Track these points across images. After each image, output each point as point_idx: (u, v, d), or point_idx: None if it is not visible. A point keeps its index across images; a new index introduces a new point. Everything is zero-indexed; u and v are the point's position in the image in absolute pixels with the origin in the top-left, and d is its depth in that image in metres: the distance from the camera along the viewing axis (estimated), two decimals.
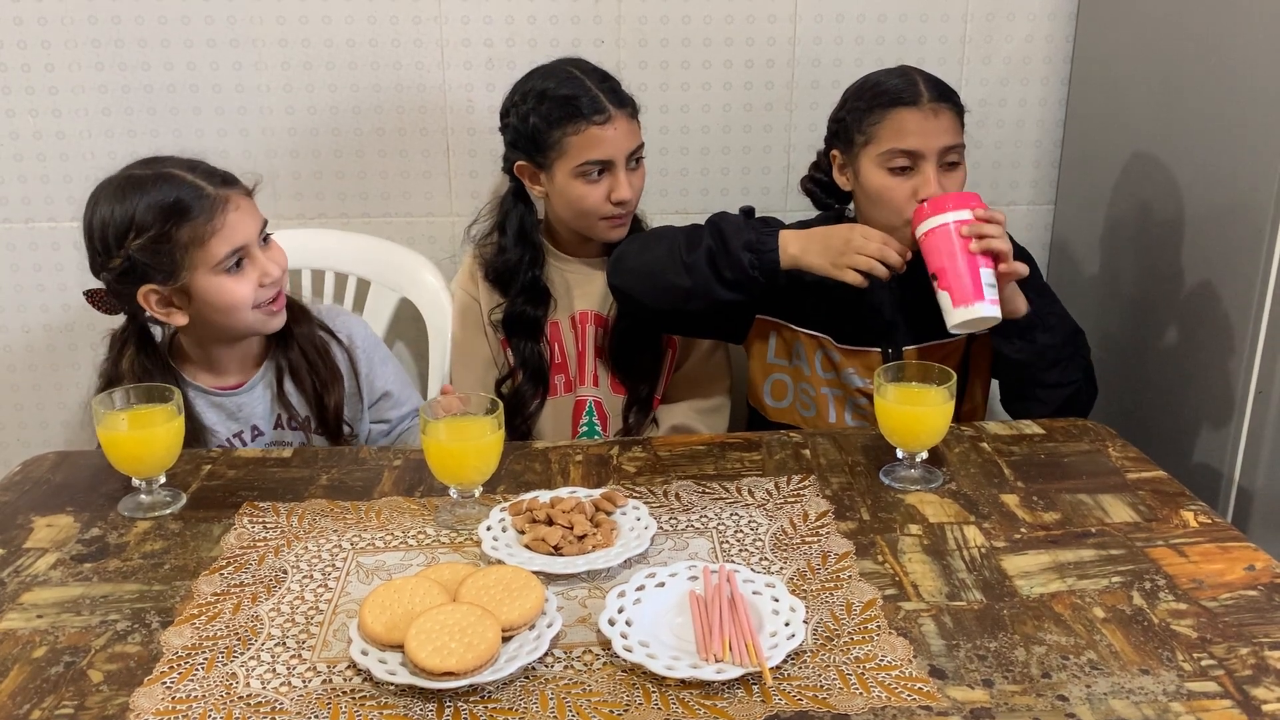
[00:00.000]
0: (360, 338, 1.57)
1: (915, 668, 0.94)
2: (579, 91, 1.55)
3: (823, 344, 1.58)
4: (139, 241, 1.33)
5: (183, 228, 1.34)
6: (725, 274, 1.45)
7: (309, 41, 1.86)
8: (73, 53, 1.85)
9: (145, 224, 1.33)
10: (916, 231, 1.41)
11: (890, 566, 1.11)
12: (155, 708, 0.90)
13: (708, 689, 0.92)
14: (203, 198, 1.36)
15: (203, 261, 1.36)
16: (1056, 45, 1.93)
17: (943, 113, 1.48)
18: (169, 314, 1.40)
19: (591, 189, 1.58)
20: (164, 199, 1.34)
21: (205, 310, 1.39)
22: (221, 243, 1.36)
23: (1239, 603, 1.03)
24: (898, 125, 1.48)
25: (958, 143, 1.50)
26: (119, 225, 1.34)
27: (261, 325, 1.44)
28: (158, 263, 1.35)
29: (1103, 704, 0.89)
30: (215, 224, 1.35)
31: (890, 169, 1.48)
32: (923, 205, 1.41)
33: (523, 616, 0.98)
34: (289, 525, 1.20)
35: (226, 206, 1.37)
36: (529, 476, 1.32)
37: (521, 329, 1.68)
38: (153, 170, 1.38)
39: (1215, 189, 1.52)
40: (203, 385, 1.48)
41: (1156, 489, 1.26)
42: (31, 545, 1.17)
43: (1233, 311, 1.48)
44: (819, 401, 1.61)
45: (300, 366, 1.49)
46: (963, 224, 1.37)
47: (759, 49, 1.90)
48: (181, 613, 1.04)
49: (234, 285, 1.38)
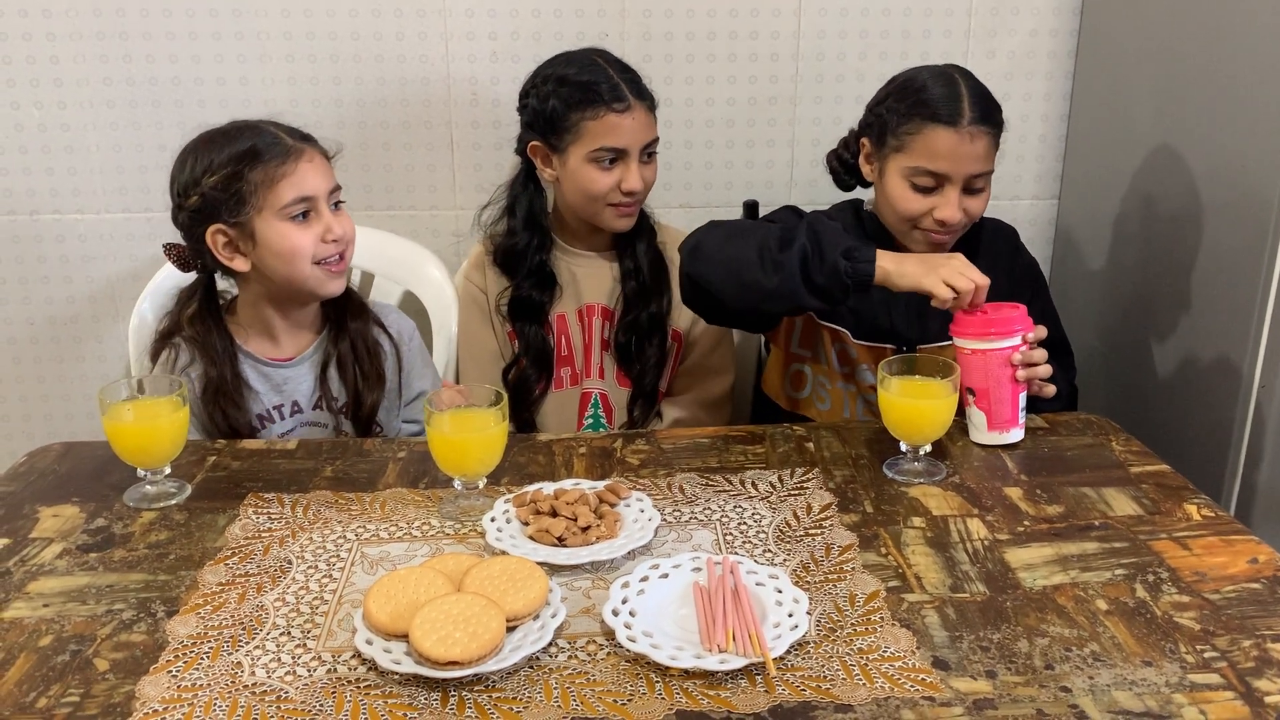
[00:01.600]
0: (409, 337, 1.59)
1: (918, 659, 0.95)
2: (601, 78, 1.57)
3: (840, 337, 1.58)
4: (213, 179, 1.38)
5: (255, 168, 1.38)
6: (816, 279, 1.35)
7: (313, 34, 1.86)
8: (77, 45, 1.85)
9: (222, 163, 1.39)
10: (961, 340, 1.36)
11: (894, 559, 1.11)
12: (161, 696, 0.91)
13: (711, 679, 0.92)
14: (278, 144, 1.41)
15: (270, 204, 1.39)
16: (1061, 39, 1.92)
17: (979, 138, 1.45)
18: (232, 259, 1.42)
19: (603, 175, 1.58)
20: (244, 143, 1.40)
21: (266, 257, 1.41)
22: (290, 188, 1.39)
23: (1242, 595, 1.04)
24: (931, 143, 1.45)
25: (988, 170, 1.48)
26: (200, 166, 1.40)
27: (319, 284, 1.45)
28: (228, 199, 1.38)
29: (1106, 695, 0.90)
30: (286, 169, 1.39)
31: (914, 184, 1.47)
32: (972, 316, 1.35)
33: (527, 606, 0.98)
34: (293, 516, 1.21)
35: (300, 156, 1.41)
36: (533, 468, 1.32)
37: (527, 314, 1.68)
38: (241, 124, 1.45)
39: (1220, 182, 1.52)
40: (253, 352, 1.49)
41: (1159, 482, 1.26)
42: (37, 535, 1.17)
43: (1237, 305, 1.48)
44: (834, 395, 1.61)
45: (347, 358, 1.51)
46: (1012, 351, 1.34)
47: (763, 42, 1.90)
48: (187, 602, 1.04)
49: (297, 233, 1.41)
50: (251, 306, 1.50)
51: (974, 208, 1.49)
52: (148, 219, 1.94)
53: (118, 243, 1.96)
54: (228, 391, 1.45)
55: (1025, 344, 1.35)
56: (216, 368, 1.45)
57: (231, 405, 1.45)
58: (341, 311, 1.52)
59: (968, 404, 1.36)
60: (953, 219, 1.46)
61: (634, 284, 1.69)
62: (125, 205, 1.94)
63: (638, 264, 1.69)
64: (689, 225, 1.93)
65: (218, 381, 1.45)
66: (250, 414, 1.47)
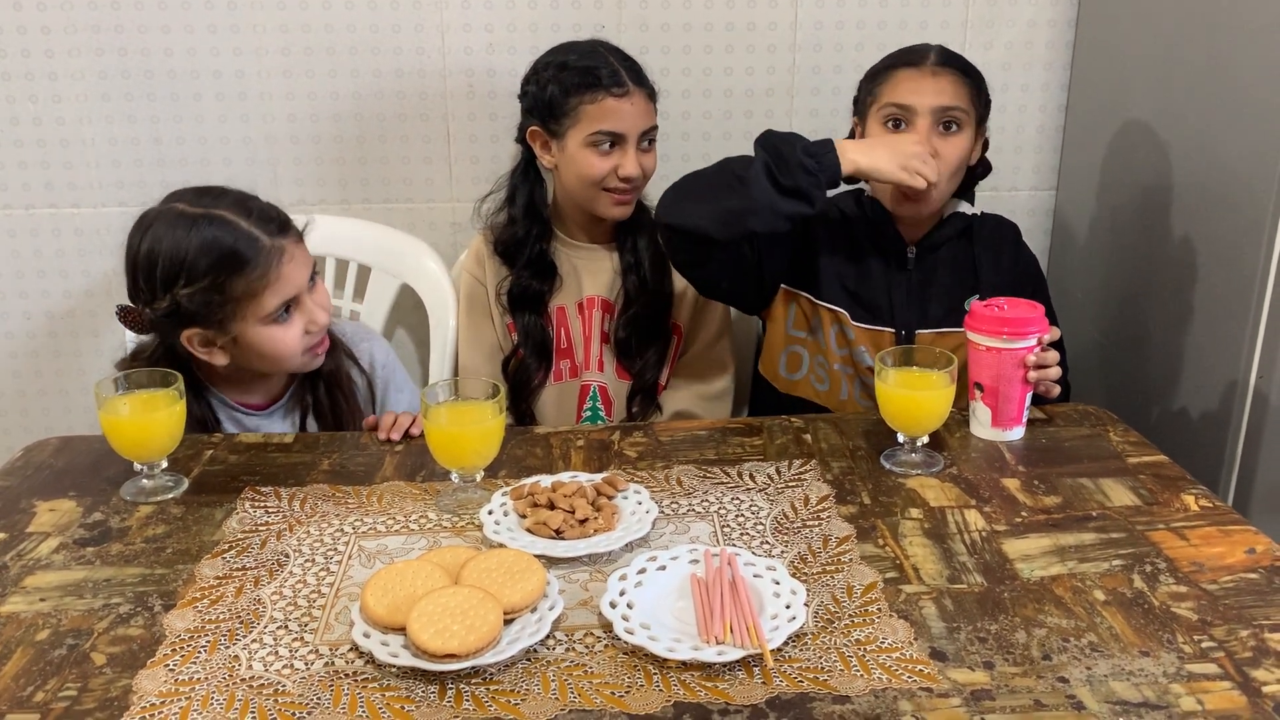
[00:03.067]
0: (380, 361, 1.57)
1: (916, 650, 0.95)
2: (600, 64, 1.58)
3: (839, 318, 1.59)
4: (188, 290, 1.30)
5: (236, 280, 1.30)
6: (784, 182, 1.37)
7: (309, 27, 1.85)
8: (72, 38, 1.84)
9: (197, 272, 1.29)
10: (976, 336, 1.34)
11: (891, 550, 1.11)
12: (158, 690, 0.91)
13: (709, 671, 0.92)
14: (259, 250, 1.31)
15: (253, 313, 1.33)
16: (1059, 29, 1.92)
17: (944, 75, 1.51)
18: (210, 353, 1.37)
19: (600, 160, 1.58)
20: (219, 247, 1.30)
21: (249, 355, 1.39)
22: (274, 296, 1.33)
23: (1239, 585, 1.04)
24: (896, 83, 1.52)
25: (957, 105, 1.50)
26: (168, 268, 1.30)
27: (303, 366, 1.44)
28: (207, 312, 1.32)
29: (1103, 685, 0.90)
30: (270, 277, 1.32)
31: (885, 123, 1.52)
32: (990, 313, 1.34)
33: (524, 599, 0.98)
34: (290, 510, 1.21)
35: (281, 259, 1.33)
36: (530, 461, 1.32)
37: (526, 303, 1.69)
38: (205, 210, 1.33)
39: (1218, 173, 1.52)
40: (226, 398, 1.48)
41: (1157, 473, 1.26)
42: (34, 529, 1.17)
43: (1235, 296, 1.48)
44: (833, 376, 1.61)
45: (324, 404, 1.49)
46: (1027, 352, 1.33)
47: (760, 34, 1.90)
48: (184, 596, 1.04)
49: (282, 334, 1.36)
50: (221, 370, 1.43)
51: (948, 148, 1.50)
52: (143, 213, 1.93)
53: (114, 236, 1.94)
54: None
55: (1039, 345, 1.35)
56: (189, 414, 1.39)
57: None
58: None
59: (972, 398, 1.36)
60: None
61: (635, 278, 1.69)
62: (121, 199, 1.93)
63: (638, 258, 1.69)
64: None
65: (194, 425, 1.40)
66: None
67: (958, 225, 1.59)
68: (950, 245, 1.60)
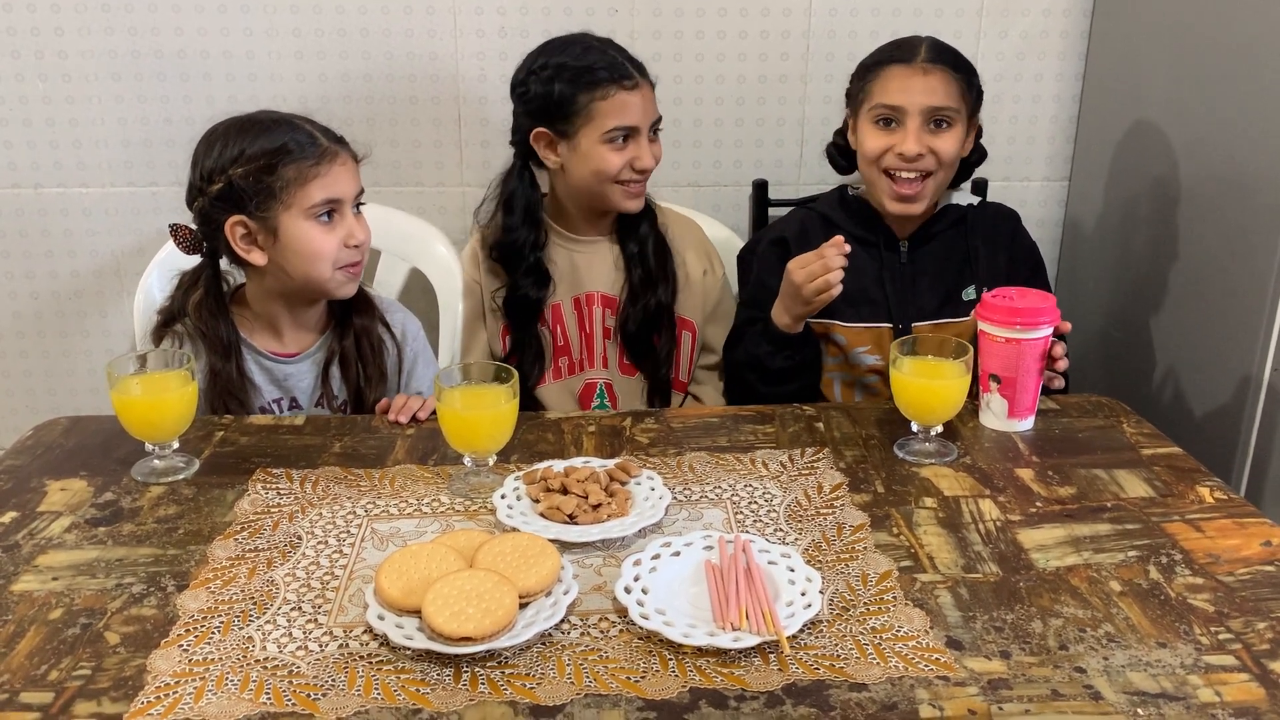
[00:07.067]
0: (413, 335, 1.58)
1: (932, 638, 0.94)
2: (604, 59, 1.56)
3: (827, 329, 1.58)
4: (242, 169, 1.37)
5: (288, 165, 1.37)
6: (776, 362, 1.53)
7: (320, 8, 1.84)
8: (82, 17, 1.83)
9: (254, 155, 1.37)
10: (993, 328, 1.32)
11: (906, 538, 1.10)
12: (172, 670, 0.90)
13: (724, 657, 0.92)
14: (314, 144, 1.40)
15: (298, 202, 1.38)
16: (1074, 19, 1.91)
17: (934, 72, 1.49)
18: (249, 251, 1.41)
19: (616, 155, 1.57)
20: (279, 135, 1.39)
21: (286, 255, 1.40)
22: (320, 189, 1.39)
23: (1255, 578, 1.03)
24: (886, 81, 1.51)
25: (947, 105, 1.50)
26: (229, 154, 1.38)
27: (337, 287, 1.44)
28: (256, 191, 1.37)
29: (1120, 676, 0.89)
30: (320, 169, 1.39)
31: (875, 122, 1.52)
32: (1005, 304, 1.33)
33: (540, 583, 0.98)
34: (303, 492, 1.20)
35: (335, 159, 1.41)
36: (542, 446, 1.32)
37: (522, 312, 1.66)
38: (273, 116, 1.43)
39: (1232, 165, 1.51)
40: (257, 345, 1.48)
41: (1171, 464, 1.26)
42: (45, 509, 1.17)
43: (1249, 288, 1.47)
44: (826, 385, 1.61)
45: (351, 356, 1.50)
46: (1044, 342, 1.33)
47: (774, 19, 1.88)
48: (197, 576, 1.04)
49: (321, 235, 1.40)
50: (259, 300, 1.48)
51: (940, 145, 1.50)
52: (153, 193, 1.93)
53: (123, 217, 1.95)
54: (231, 387, 1.44)
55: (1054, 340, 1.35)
56: (221, 361, 1.43)
57: (234, 400, 1.44)
58: (348, 309, 1.50)
59: (987, 390, 1.35)
60: (911, 150, 1.48)
61: (640, 271, 1.67)
62: (130, 179, 1.92)
63: (641, 249, 1.67)
64: (698, 204, 1.93)
65: (223, 376, 1.43)
66: (253, 407, 1.46)
67: (951, 217, 1.59)
68: (943, 237, 1.59)
